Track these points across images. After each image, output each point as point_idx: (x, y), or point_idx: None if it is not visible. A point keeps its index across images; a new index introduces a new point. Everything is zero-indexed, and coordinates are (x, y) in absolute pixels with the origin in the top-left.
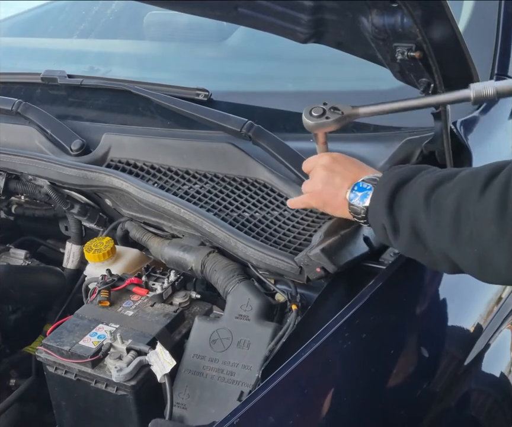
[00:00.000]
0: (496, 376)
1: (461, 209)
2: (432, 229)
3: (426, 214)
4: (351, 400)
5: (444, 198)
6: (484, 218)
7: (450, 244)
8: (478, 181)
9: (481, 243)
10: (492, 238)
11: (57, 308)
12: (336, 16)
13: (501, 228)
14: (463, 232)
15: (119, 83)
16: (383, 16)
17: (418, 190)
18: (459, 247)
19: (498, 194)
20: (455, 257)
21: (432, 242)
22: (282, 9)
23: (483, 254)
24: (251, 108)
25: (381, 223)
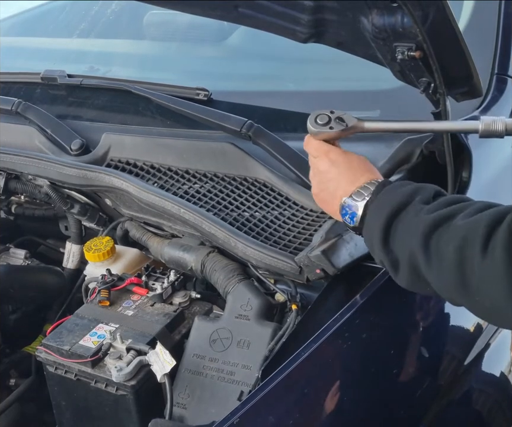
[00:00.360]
0: (496, 376)
1: (465, 262)
2: (435, 276)
3: (427, 259)
4: (351, 399)
5: (444, 246)
6: (491, 275)
7: (456, 292)
8: (478, 233)
9: (490, 297)
10: (502, 295)
11: (57, 307)
12: (337, 16)
13: (511, 285)
14: (469, 285)
15: (119, 83)
16: (383, 16)
17: (415, 230)
18: (466, 296)
19: (503, 250)
20: (462, 302)
21: (436, 285)
22: (282, 9)
23: (493, 306)
24: (251, 107)
25: (379, 258)
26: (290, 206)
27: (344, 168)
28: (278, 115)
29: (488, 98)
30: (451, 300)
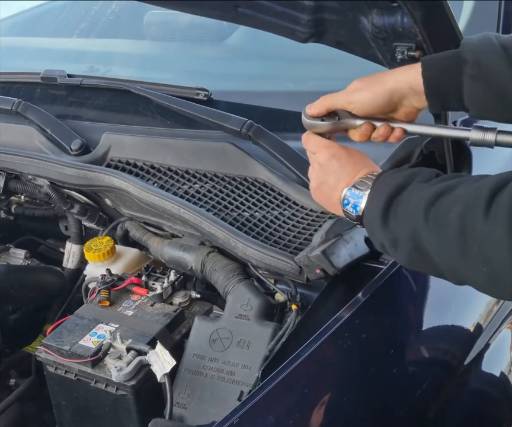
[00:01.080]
0: (496, 376)
1: (466, 227)
2: (436, 245)
3: (428, 229)
4: (351, 399)
5: (446, 213)
6: (492, 239)
7: (457, 260)
8: (482, 197)
9: (491, 263)
10: (503, 260)
11: (57, 307)
12: (336, 15)
13: (508, 251)
14: (470, 251)
15: (119, 83)
16: (383, 16)
17: (416, 203)
18: (467, 265)
19: (505, 214)
20: (462, 273)
21: (437, 257)
22: (282, 8)
23: (493, 274)
24: (251, 107)
25: (378, 241)
26: (290, 205)
27: (345, 161)
28: (278, 115)
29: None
30: (452, 273)
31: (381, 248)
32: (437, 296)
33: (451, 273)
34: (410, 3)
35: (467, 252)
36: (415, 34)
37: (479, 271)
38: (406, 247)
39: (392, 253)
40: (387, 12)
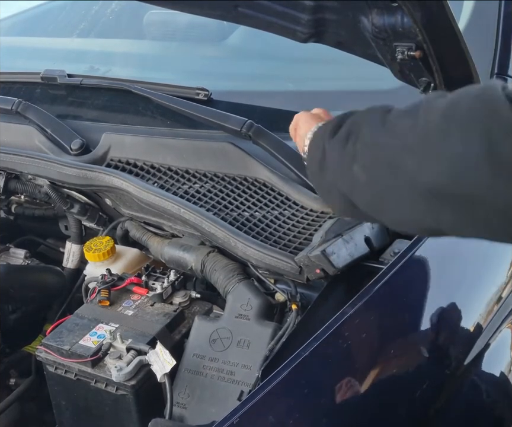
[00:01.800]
0: (496, 376)
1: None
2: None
3: (379, 122)
4: (350, 399)
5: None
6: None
7: (386, 131)
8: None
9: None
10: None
11: (57, 307)
12: (337, 15)
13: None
14: (404, 124)
15: (119, 83)
16: (383, 16)
17: (370, 111)
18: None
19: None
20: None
21: (365, 132)
22: (282, 8)
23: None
24: (251, 107)
25: (330, 124)
26: (290, 205)
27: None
28: (278, 115)
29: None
30: (371, 153)
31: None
32: (437, 296)
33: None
34: (410, 3)
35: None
36: (415, 34)
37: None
38: (343, 134)
39: (329, 138)
40: (387, 12)
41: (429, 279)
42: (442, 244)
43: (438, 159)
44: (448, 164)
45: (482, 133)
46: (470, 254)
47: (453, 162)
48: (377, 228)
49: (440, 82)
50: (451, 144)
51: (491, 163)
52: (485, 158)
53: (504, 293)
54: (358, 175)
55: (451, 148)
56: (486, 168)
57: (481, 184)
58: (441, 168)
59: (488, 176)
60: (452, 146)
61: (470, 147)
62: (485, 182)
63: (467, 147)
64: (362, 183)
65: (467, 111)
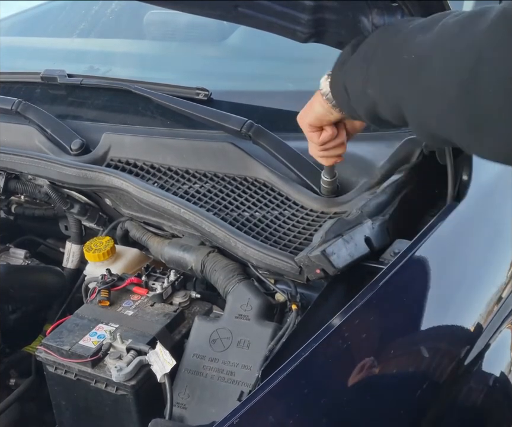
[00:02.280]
0: (496, 376)
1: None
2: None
3: (385, 35)
4: (350, 400)
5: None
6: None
7: (401, 47)
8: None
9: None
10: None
11: (57, 307)
12: (337, 15)
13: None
14: (417, 38)
15: (119, 83)
16: (384, 16)
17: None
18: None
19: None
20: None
21: (380, 53)
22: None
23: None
24: (251, 107)
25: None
26: (290, 205)
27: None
28: (279, 115)
29: None
30: (386, 71)
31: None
32: (437, 296)
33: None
34: (410, 3)
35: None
36: None
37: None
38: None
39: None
40: (387, 12)
41: (429, 279)
42: (442, 244)
43: (452, 60)
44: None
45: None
46: (470, 254)
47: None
48: (378, 228)
49: None
50: (467, 43)
51: None
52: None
53: (504, 294)
54: (374, 97)
55: (465, 47)
56: None
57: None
58: (457, 68)
59: None
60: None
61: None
62: None
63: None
64: (380, 105)
65: (483, 21)
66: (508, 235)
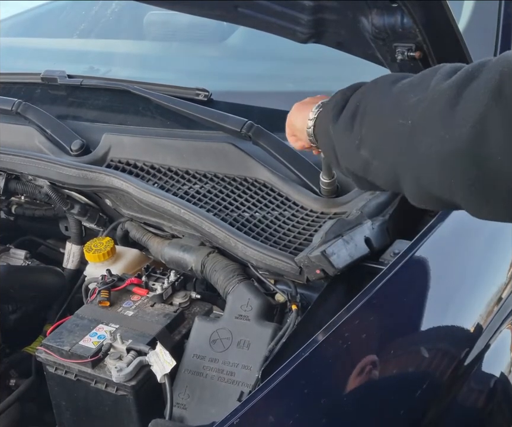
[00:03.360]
0: (496, 376)
1: (423, 82)
2: (377, 104)
3: (381, 92)
4: (350, 400)
5: (408, 80)
6: (439, 92)
7: (392, 110)
8: (453, 67)
9: (424, 113)
10: (437, 111)
11: (57, 308)
12: (336, 16)
13: (451, 101)
14: (407, 101)
15: (119, 83)
16: (383, 16)
17: (380, 78)
18: (394, 118)
19: (465, 72)
20: (381, 130)
21: (370, 117)
22: (282, 9)
23: (417, 126)
24: (251, 108)
25: (332, 103)
26: (290, 206)
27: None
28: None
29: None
30: (379, 135)
31: (328, 113)
32: (437, 296)
33: (368, 141)
34: (410, 4)
35: (403, 102)
36: (415, 34)
37: (402, 124)
38: (348, 112)
39: (332, 122)
40: (387, 12)
41: (429, 279)
42: (442, 244)
43: (452, 127)
44: (464, 130)
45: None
46: (470, 254)
47: (468, 127)
48: (377, 228)
49: None
50: (465, 110)
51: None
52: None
53: (504, 294)
54: (367, 158)
55: (464, 114)
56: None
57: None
58: (458, 135)
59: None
60: (466, 111)
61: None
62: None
63: (482, 109)
64: (372, 164)
65: (479, 88)
66: (508, 235)
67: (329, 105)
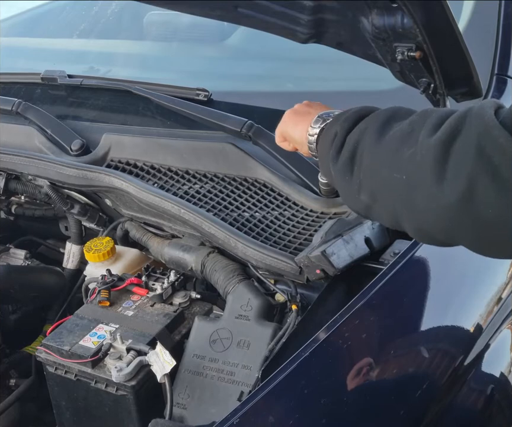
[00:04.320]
0: (496, 376)
1: (411, 135)
2: (371, 152)
3: (373, 138)
4: (350, 400)
5: (397, 125)
6: (427, 147)
7: (383, 166)
8: (437, 115)
9: (413, 170)
10: (428, 168)
11: (57, 307)
12: (336, 16)
13: (439, 160)
14: (401, 156)
15: (119, 83)
16: (383, 16)
17: (371, 119)
18: (389, 170)
19: (449, 127)
20: (379, 182)
21: (366, 165)
22: (282, 9)
23: (410, 182)
24: (251, 108)
25: (332, 133)
26: (290, 206)
27: (317, 105)
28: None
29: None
30: (367, 184)
31: (325, 163)
32: (437, 296)
33: (367, 186)
34: (410, 4)
35: (397, 156)
36: (415, 34)
37: (398, 178)
38: (345, 155)
39: (333, 163)
40: (387, 12)
41: (429, 279)
42: None
43: (443, 184)
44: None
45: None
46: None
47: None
48: (377, 228)
49: (440, 83)
50: (454, 167)
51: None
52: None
53: (504, 294)
54: (368, 203)
55: (453, 172)
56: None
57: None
58: (450, 191)
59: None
60: (452, 180)
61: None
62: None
63: (468, 181)
64: (373, 208)
65: (463, 146)
66: None
67: (329, 135)
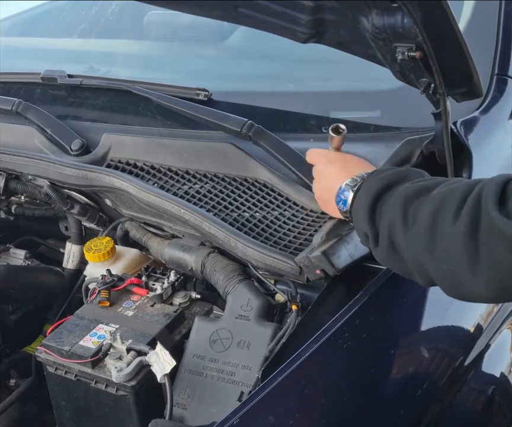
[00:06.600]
0: (496, 376)
1: (437, 225)
2: (408, 241)
3: (403, 226)
4: (351, 400)
5: (420, 211)
6: (456, 241)
7: (425, 258)
8: (454, 197)
9: (454, 263)
10: (464, 261)
11: (57, 308)
12: (336, 16)
13: (471, 253)
14: (438, 248)
15: (119, 83)
16: (383, 16)
17: (397, 200)
18: (433, 262)
19: (468, 217)
20: (429, 270)
21: (407, 254)
22: (282, 9)
23: (453, 273)
24: (251, 108)
25: (363, 232)
26: (290, 206)
27: (340, 165)
28: (278, 116)
29: (488, 99)
30: (419, 271)
31: (364, 239)
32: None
33: (420, 272)
34: (410, 4)
35: (434, 250)
36: (415, 34)
37: (445, 270)
38: (384, 244)
39: (372, 247)
40: (387, 12)
41: None
42: None
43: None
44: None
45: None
46: None
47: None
48: None
49: (440, 83)
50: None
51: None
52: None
53: None
54: (411, 271)
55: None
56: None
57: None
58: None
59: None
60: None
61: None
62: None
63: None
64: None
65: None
66: None
67: (361, 226)
